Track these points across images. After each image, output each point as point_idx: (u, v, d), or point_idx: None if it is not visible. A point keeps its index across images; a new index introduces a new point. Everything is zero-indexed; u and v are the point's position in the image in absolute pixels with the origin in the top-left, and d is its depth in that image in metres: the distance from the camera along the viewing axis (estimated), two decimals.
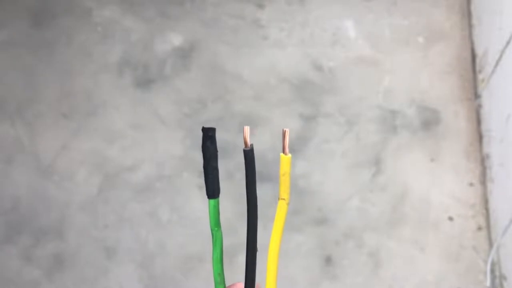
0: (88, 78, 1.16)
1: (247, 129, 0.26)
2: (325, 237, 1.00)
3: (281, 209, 0.27)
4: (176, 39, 1.19)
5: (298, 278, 0.99)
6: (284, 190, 0.26)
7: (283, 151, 0.26)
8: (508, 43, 0.95)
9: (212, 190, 0.27)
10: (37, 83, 1.15)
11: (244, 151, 0.26)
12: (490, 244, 0.98)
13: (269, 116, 1.10)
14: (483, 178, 1.03)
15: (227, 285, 0.28)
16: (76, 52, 1.19)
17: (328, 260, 0.99)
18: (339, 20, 1.20)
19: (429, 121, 1.09)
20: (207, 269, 0.98)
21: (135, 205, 1.04)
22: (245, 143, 0.26)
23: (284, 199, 0.26)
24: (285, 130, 0.26)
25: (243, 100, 1.11)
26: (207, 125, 0.26)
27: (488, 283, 0.95)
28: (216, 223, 0.28)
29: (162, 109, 1.12)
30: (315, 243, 1.00)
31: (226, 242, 1.07)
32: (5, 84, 1.16)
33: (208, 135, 0.26)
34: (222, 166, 1.10)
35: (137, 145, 1.09)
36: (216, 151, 0.26)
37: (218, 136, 0.26)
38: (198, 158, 1.07)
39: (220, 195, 0.28)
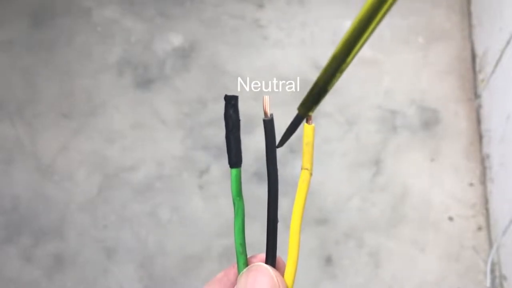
0: (88, 78, 1.16)
1: (267, 98, 0.25)
2: (325, 237, 1.00)
3: (304, 178, 0.26)
4: (176, 39, 1.19)
5: (298, 278, 0.98)
6: (307, 160, 0.26)
7: (307, 121, 0.26)
8: (508, 43, 0.95)
9: (235, 160, 0.27)
10: (37, 83, 1.15)
11: (264, 121, 0.26)
12: (490, 244, 0.98)
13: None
14: (483, 178, 1.03)
15: (248, 256, 0.28)
16: (76, 52, 1.19)
17: (328, 260, 0.99)
18: (339, 20, 1.20)
19: (429, 121, 1.09)
20: (207, 269, 0.98)
21: (135, 205, 1.04)
22: (265, 113, 0.26)
23: (307, 169, 0.26)
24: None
25: (243, 100, 1.11)
26: (207, 125, 0.26)
27: (488, 283, 0.95)
28: (238, 193, 0.27)
29: (162, 109, 1.12)
30: (316, 243, 1.00)
31: (224, 243, 1.07)
32: (5, 84, 1.16)
33: (231, 103, 0.26)
34: (222, 166, 1.10)
35: (137, 145, 1.09)
36: (239, 120, 0.26)
37: (218, 136, 0.26)
38: (198, 158, 1.07)
39: (220, 196, 0.28)
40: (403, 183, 1.04)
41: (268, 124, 0.26)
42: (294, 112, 0.26)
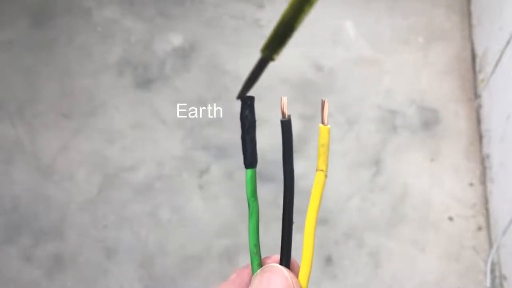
0: (88, 78, 1.16)
1: (285, 99, 0.25)
2: (325, 237, 1.00)
3: (319, 180, 0.26)
4: (176, 39, 1.19)
5: None
6: (323, 161, 0.26)
7: (322, 122, 0.25)
8: (508, 43, 0.95)
9: (250, 160, 0.27)
10: (37, 83, 1.15)
11: (282, 121, 0.26)
12: (490, 244, 0.98)
13: (269, 117, 1.10)
14: (483, 178, 1.03)
15: (262, 257, 0.28)
16: (76, 52, 1.19)
17: (328, 260, 0.99)
18: (339, 20, 1.20)
19: (429, 121, 1.09)
20: (207, 269, 0.98)
21: (135, 205, 1.04)
22: (283, 114, 0.26)
23: (322, 170, 0.26)
24: (324, 101, 0.25)
25: None
26: (207, 125, 0.26)
27: (488, 283, 0.95)
28: (253, 193, 0.27)
29: (162, 109, 1.12)
30: (316, 243, 1.00)
31: (224, 243, 1.07)
32: (5, 84, 1.16)
33: (247, 103, 0.26)
34: (222, 166, 1.10)
35: (137, 145, 1.09)
36: (255, 120, 0.26)
37: (218, 136, 0.26)
38: (198, 158, 1.07)
39: (220, 196, 0.28)
40: (403, 183, 1.04)
41: (286, 125, 0.26)
42: (294, 112, 0.25)
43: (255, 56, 0.23)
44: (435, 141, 1.07)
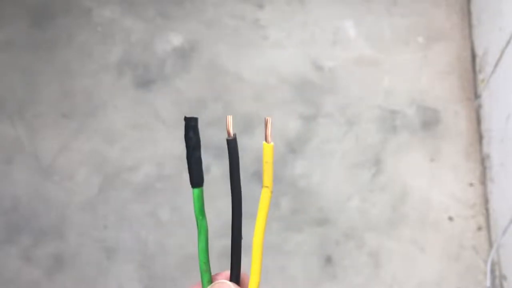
0: (88, 78, 1.16)
1: (230, 118, 0.25)
2: (325, 237, 1.00)
3: (265, 197, 0.27)
4: (176, 39, 1.19)
5: (298, 278, 0.99)
6: (268, 178, 0.26)
7: (266, 140, 0.26)
8: (508, 43, 0.95)
9: (196, 180, 0.27)
10: (37, 83, 1.15)
11: (227, 140, 0.26)
12: (490, 244, 0.98)
13: (269, 117, 1.10)
14: (483, 178, 1.03)
15: (213, 274, 0.28)
16: (76, 52, 1.19)
17: (328, 260, 0.99)
18: (339, 20, 1.20)
19: (429, 121, 1.09)
20: None
21: (135, 205, 1.04)
22: (228, 133, 0.26)
23: (267, 186, 0.27)
24: (267, 119, 0.25)
25: (243, 100, 1.11)
26: (207, 125, 0.26)
27: (488, 283, 0.95)
28: (200, 212, 0.28)
29: (162, 109, 1.12)
30: (315, 243, 1.00)
31: (224, 243, 1.07)
32: (5, 84, 1.16)
33: (191, 124, 0.26)
34: (222, 166, 1.10)
35: (137, 145, 1.09)
36: (199, 140, 0.27)
37: (218, 136, 0.26)
38: None
39: (220, 196, 0.28)
40: (403, 183, 1.04)
41: (232, 144, 0.26)
42: (294, 112, 0.25)
43: (255, 56, 0.23)
44: (435, 141, 1.07)
